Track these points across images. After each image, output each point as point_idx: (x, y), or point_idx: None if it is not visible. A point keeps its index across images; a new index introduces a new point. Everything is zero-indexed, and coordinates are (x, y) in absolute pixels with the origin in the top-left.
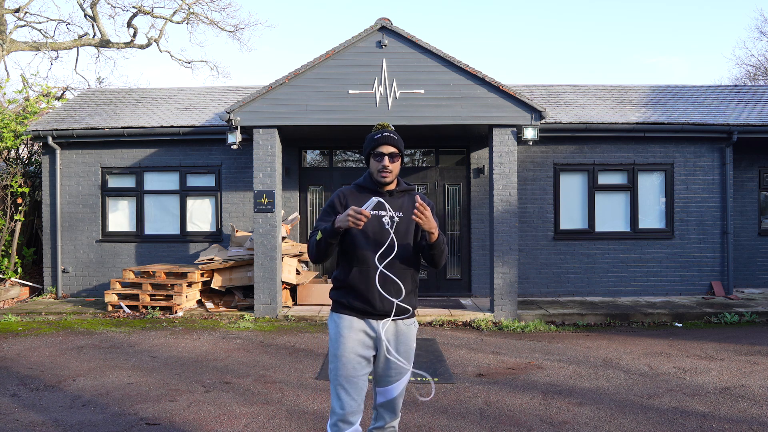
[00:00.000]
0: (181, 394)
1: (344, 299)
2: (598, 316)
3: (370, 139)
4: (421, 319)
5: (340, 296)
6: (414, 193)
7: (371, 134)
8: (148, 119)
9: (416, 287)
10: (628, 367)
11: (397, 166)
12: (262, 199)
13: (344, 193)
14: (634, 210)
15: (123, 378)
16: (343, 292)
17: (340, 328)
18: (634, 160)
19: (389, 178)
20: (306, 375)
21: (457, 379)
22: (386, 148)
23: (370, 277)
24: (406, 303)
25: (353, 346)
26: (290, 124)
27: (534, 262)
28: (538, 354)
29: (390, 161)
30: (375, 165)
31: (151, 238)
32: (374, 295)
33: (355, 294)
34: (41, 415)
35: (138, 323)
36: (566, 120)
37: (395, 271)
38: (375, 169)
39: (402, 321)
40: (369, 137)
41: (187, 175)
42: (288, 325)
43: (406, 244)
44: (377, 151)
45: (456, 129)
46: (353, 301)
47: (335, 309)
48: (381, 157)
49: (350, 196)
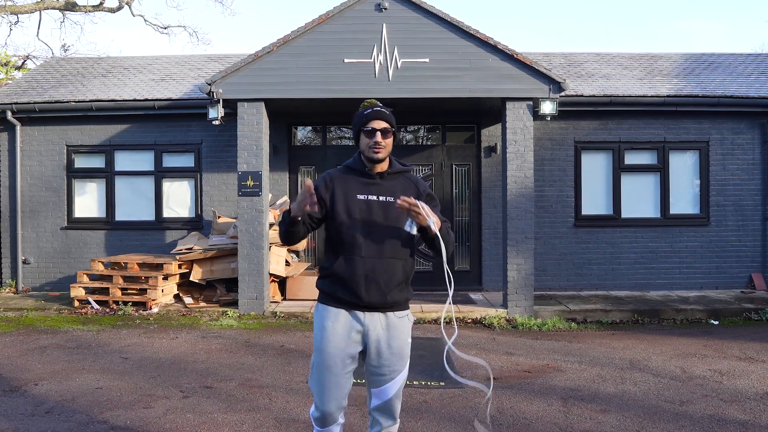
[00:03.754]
0: (156, 401)
1: (329, 290)
2: (624, 312)
3: (360, 116)
4: (425, 316)
5: (326, 286)
6: (409, 175)
7: (360, 110)
8: (119, 91)
9: (409, 277)
10: (657, 369)
11: (389, 143)
12: (247, 181)
13: (331, 176)
14: (665, 193)
15: (91, 382)
16: (329, 282)
17: (324, 321)
18: (665, 137)
19: (382, 154)
20: (296, 378)
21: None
22: (378, 123)
23: (357, 267)
24: (397, 295)
25: (337, 340)
26: (279, 97)
27: (552, 251)
28: (557, 355)
29: (383, 137)
30: (366, 141)
31: (123, 225)
32: (360, 285)
33: (341, 284)
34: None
35: (108, 320)
36: (588, 92)
37: (384, 261)
38: (366, 146)
39: (393, 313)
40: (358, 114)
41: (163, 155)
42: (276, 322)
43: (397, 230)
44: (368, 127)
45: (465, 103)
46: (339, 292)
47: (321, 300)
48: (373, 133)
49: (337, 179)
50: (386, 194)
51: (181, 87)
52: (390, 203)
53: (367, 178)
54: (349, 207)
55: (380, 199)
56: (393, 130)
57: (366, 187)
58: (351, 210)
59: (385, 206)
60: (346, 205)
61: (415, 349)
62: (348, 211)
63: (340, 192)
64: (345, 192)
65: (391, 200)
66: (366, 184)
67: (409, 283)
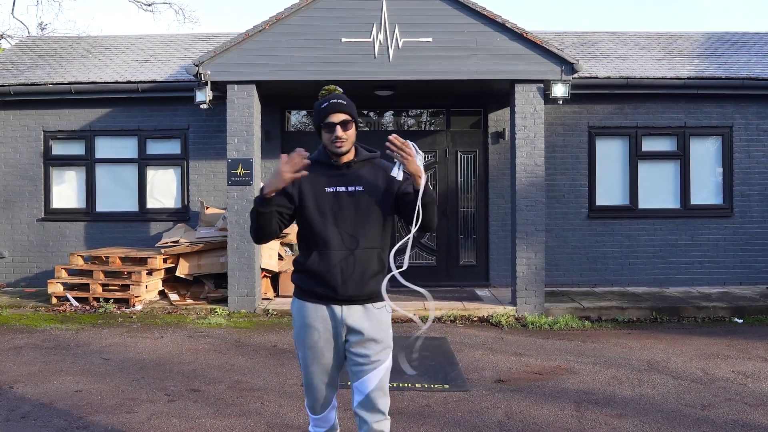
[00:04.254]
0: (140, 404)
1: (305, 285)
2: (641, 310)
3: (318, 110)
4: (428, 314)
5: (301, 282)
6: (378, 161)
7: (318, 103)
8: (100, 73)
9: (384, 269)
10: (677, 371)
11: (351, 134)
12: (237, 170)
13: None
14: (685, 182)
15: (70, 384)
16: (304, 277)
17: (303, 317)
18: (685, 122)
19: (344, 147)
20: (290, 381)
21: (473, 385)
22: (336, 116)
23: (331, 261)
24: (374, 286)
25: (318, 334)
26: (271, 79)
27: (565, 245)
28: (570, 356)
29: (343, 130)
30: (327, 137)
31: (104, 217)
32: (337, 279)
33: (316, 279)
34: None
35: (88, 319)
36: (603, 74)
37: (359, 252)
38: (328, 141)
39: (371, 304)
40: (316, 107)
41: (147, 141)
42: (268, 320)
43: (370, 220)
44: (327, 122)
45: (471, 85)
46: (315, 287)
47: (297, 295)
48: (332, 128)
49: (306, 178)
50: (355, 184)
51: (167, 68)
52: (360, 192)
53: (333, 170)
54: (318, 201)
55: (349, 189)
56: (354, 119)
57: (334, 179)
58: (320, 204)
59: (355, 196)
60: (315, 199)
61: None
62: (317, 205)
63: (307, 186)
64: (313, 186)
65: (360, 189)
66: (333, 176)
67: (385, 272)
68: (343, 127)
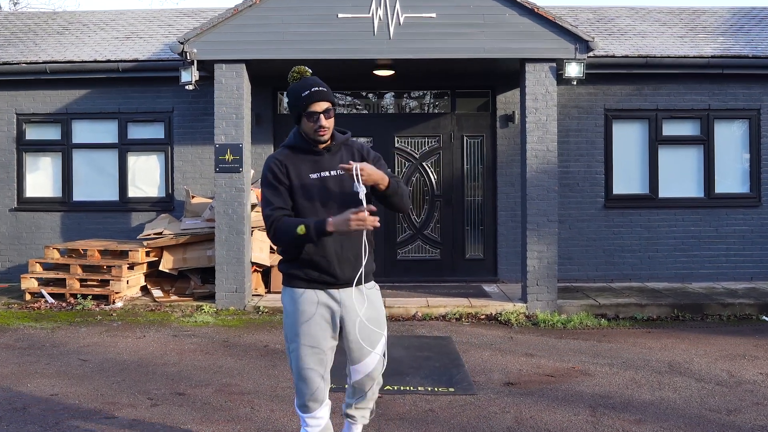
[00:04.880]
0: (120, 409)
1: (299, 272)
2: (662, 307)
3: (297, 97)
4: (431, 311)
5: (294, 269)
6: (351, 142)
7: (296, 89)
8: (77, 51)
9: (373, 248)
10: (701, 373)
11: (332, 122)
12: (225, 156)
13: (280, 161)
14: (709, 169)
15: (45, 387)
16: (297, 265)
17: (299, 304)
18: (709, 104)
19: (327, 135)
20: (282, 384)
21: (480, 389)
22: (319, 105)
23: (327, 247)
24: (367, 267)
25: (317, 320)
26: (262, 58)
27: (579, 237)
28: (585, 356)
29: (326, 118)
30: (310, 126)
31: (82, 206)
32: (333, 264)
33: (312, 266)
34: None
35: (65, 316)
36: (621, 52)
37: (350, 235)
38: (311, 130)
39: (363, 285)
40: (294, 94)
41: (128, 124)
42: (259, 318)
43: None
44: (310, 111)
45: (478, 64)
46: (311, 273)
47: (290, 283)
48: (316, 117)
49: (288, 162)
50: (336, 167)
51: (150, 46)
52: (342, 175)
53: (314, 155)
54: (305, 189)
55: (332, 173)
56: (334, 106)
57: (316, 165)
58: (308, 191)
59: (339, 179)
60: (302, 186)
61: (420, 349)
62: (305, 193)
63: (294, 175)
64: (298, 174)
65: (342, 172)
66: (315, 162)
67: (373, 255)
68: (326, 115)
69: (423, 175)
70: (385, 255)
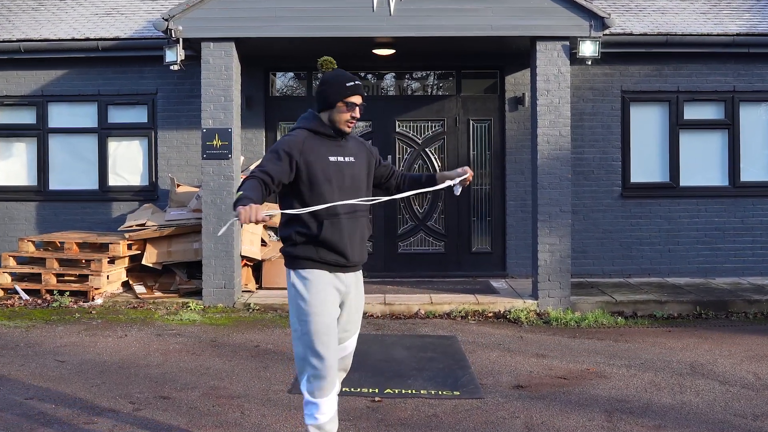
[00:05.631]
0: (100, 414)
1: (313, 254)
2: (683, 304)
3: (341, 85)
4: (435, 309)
5: (308, 251)
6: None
7: (340, 78)
8: (53, 29)
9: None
10: (725, 375)
11: None
12: (213, 141)
13: (303, 140)
14: (734, 156)
15: (19, 391)
16: (311, 247)
17: (314, 284)
18: (734, 86)
19: (353, 128)
20: (275, 386)
21: (487, 392)
22: (358, 98)
23: (342, 229)
24: (366, 252)
25: (331, 299)
26: (253, 36)
27: (594, 228)
28: (600, 357)
29: (359, 112)
30: (344, 115)
31: (59, 196)
32: (347, 247)
33: (327, 247)
34: None
35: (40, 314)
36: (639, 30)
37: (357, 220)
38: (343, 119)
39: (359, 271)
40: (338, 82)
41: (108, 108)
42: (250, 316)
43: (362, 188)
44: (351, 101)
45: (485, 43)
46: (327, 256)
47: (299, 265)
48: (354, 108)
49: (308, 142)
50: (349, 155)
51: (132, 23)
52: (353, 162)
53: (331, 140)
54: (325, 170)
55: (346, 159)
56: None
57: (334, 149)
58: (327, 173)
59: (351, 166)
60: (322, 168)
61: (423, 350)
62: (325, 173)
63: (313, 156)
64: (318, 155)
65: (352, 160)
66: (333, 146)
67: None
68: (360, 108)
69: (426, 161)
70: (385, 248)
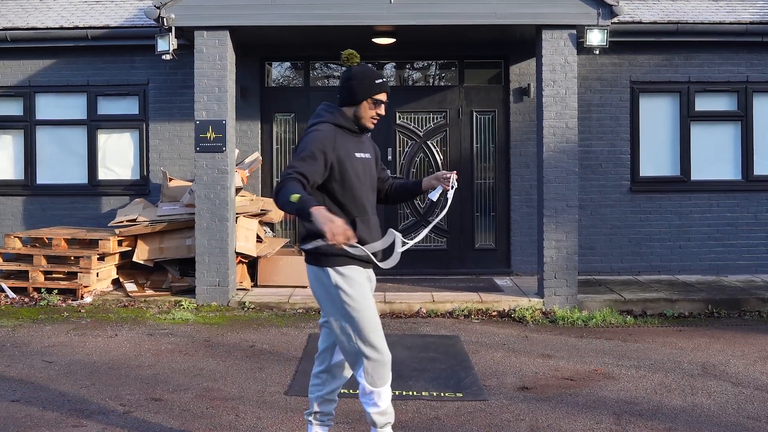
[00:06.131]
0: (90, 416)
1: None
2: (694, 302)
3: (371, 82)
4: (437, 307)
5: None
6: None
7: (369, 74)
8: (41, 17)
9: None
10: (738, 376)
11: None
12: (207, 133)
13: (334, 136)
14: (747, 149)
15: (5, 392)
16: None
17: (355, 280)
18: (748, 76)
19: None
20: (271, 388)
21: (491, 394)
22: (385, 95)
23: (371, 226)
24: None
25: (370, 293)
26: (248, 24)
27: (602, 224)
28: (608, 358)
29: (384, 108)
30: (370, 112)
31: (47, 190)
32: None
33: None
34: None
35: (27, 313)
36: (649, 18)
37: (375, 216)
38: (368, 115)
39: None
40: (367, 78)
41: (98, 99)
42: (245, 315)
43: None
44: (378, 98)
45: (489, 31)
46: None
47: (338, 262)
48: (380, 105)
49: (339, 139)
50: (366, 151)
51: (122, 11)
52: (370, 160)
53: (354, 136)
54: (354, 166)
55: (366, 156)
56: None
57: (357, 145)
58: (356, 170)
59: (369, 163)
60: (352, 164)
61: (424, 350)
62: (354, 170)
63: (344, 152)
64: (347, 152)
65: (369, 157)
66: (356, 142)
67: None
68: (385, 106)
69: (428, 155)
70: None
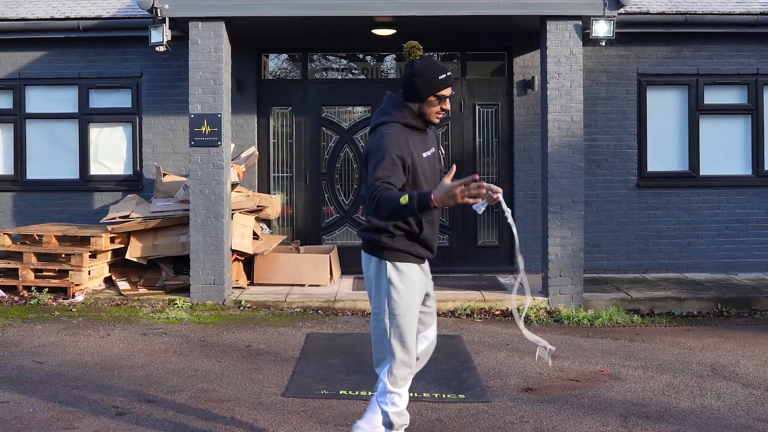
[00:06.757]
0: (81, 419)
1: (411, 248)
2: (703, 301)
3: (434, 78)
4: (440, 306)
5: (407, 245)
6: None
7: (433, 70)
8: (30, 8)
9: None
10: (748, 377)
11: None
12: (202, 127)
13: (407, 138)
14: (758, 143)
15: None
16: (404, 239)
17: (410, 279)
18: (758, 68)
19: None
20: (268, 389)
21: (494, 395)
22: (449, 90)
23: (435, 225)
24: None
25: (419, 297)
26: (244, 15)
27: (608, 220)
28: (615, 358)
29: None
30: (435, 108)
31: (37, 185)
32: (435, 241)
33: (423, 244)
34: None
35: (17, 312)
36: (657, 8)
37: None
38: (433, 111)
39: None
40: (432, 74)
41: (90, 92)
42: (241, 314)
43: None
44: (442, 94)
45: (492, 22)
46: (421, 251)
47: (398, 258)
48: (445, 100)
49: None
50: (430, 147)
51: (114, 2)
52: (434, 154)
53: (420, 133)
54: (423, 166)
55: (431, 152)
56: None
57: (424, 144)
58: (424, 169)
59: (433, 159)
60: (421, 165)
61: None
62: (423, 170)
63: (416, 153)
64: (417, 152)
65: (433, 151)
66: (422, 140)
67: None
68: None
69: None
70: None
